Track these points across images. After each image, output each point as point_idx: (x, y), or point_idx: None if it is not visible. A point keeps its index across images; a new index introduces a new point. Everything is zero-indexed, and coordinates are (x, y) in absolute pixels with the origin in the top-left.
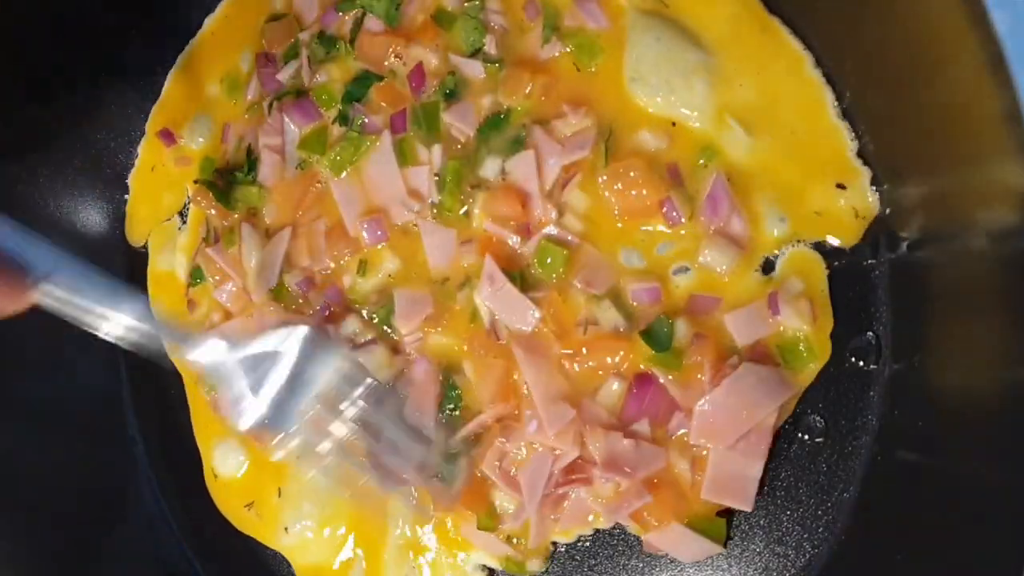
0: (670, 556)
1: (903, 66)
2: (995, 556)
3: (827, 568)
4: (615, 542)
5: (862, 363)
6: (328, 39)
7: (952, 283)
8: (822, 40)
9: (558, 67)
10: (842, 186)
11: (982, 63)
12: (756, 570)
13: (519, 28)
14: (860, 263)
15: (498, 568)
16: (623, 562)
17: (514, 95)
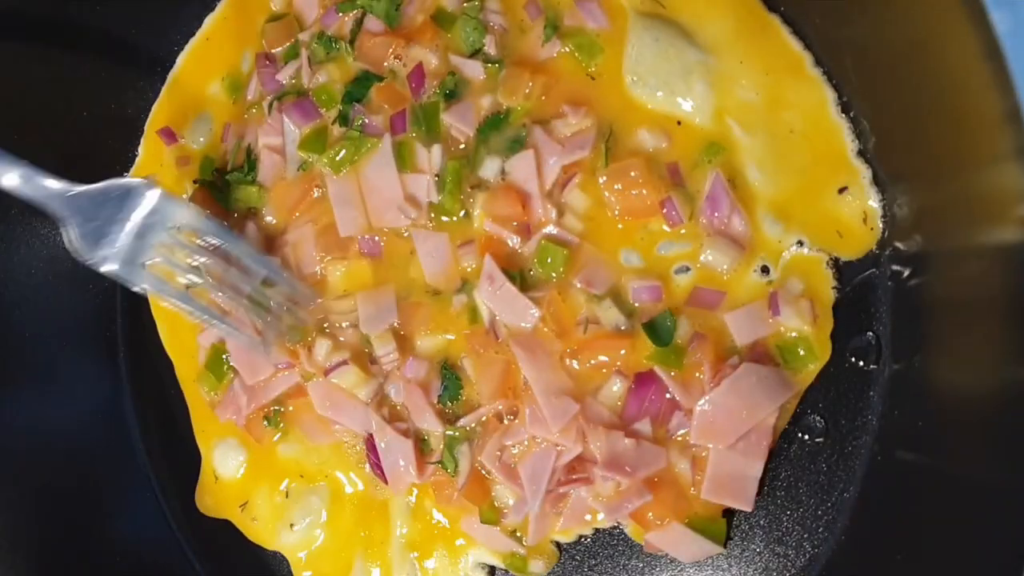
0: (670, 556)
1: (903, 66)
2: (995, 556)
3: (827, 568)
4: (615, 542)
5: (862, 363)
6: (328, 39)
7: (952, 284)
8: (821, 39)
9: (558, 67)
10: (844, 190)
11: (982, 63)
12: (756, 570)
13: (519, 28)
14: (860, 263)
15: (499, 566)
16: (623, 562)
17: (514, 95)
